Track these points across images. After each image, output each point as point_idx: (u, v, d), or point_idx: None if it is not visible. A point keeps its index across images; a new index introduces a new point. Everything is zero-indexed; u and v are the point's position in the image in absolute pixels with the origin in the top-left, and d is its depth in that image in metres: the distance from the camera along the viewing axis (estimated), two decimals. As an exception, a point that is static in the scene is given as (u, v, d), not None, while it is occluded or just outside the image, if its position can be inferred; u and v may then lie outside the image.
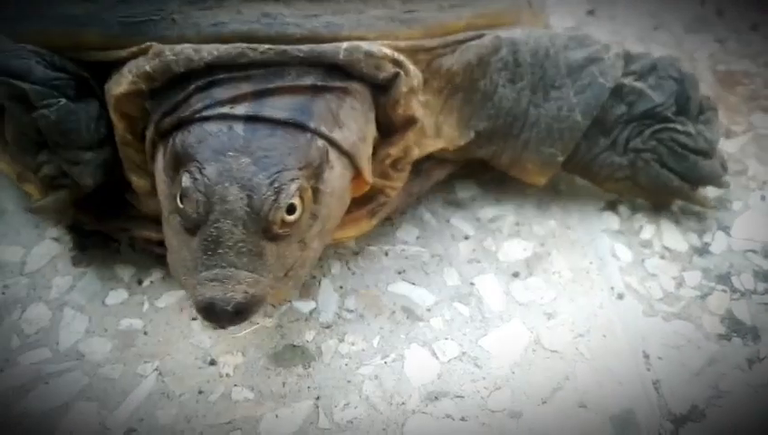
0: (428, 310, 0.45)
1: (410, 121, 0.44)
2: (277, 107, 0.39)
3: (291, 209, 0.37)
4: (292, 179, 0.37)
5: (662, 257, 0.48)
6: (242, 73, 0.40)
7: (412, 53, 0.44)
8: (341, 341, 0.44)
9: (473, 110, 0.47)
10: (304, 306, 0.46)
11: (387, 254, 0.48)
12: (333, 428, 0.40)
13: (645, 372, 0.42)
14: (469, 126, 0.47)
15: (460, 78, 0.46)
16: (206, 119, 0.39)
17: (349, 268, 0.48)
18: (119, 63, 0.42)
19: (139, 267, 0.48)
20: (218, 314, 0.36)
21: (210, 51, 0.40)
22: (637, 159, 0.48)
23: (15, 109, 0.42)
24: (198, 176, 0.37)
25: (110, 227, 0.48)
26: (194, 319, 0.45)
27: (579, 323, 0.45)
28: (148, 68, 0.40)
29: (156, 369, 0.43)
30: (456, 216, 0.50)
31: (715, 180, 0.49)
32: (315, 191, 0.39)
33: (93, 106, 0.43)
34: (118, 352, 0.44)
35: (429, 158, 0.48)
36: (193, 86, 0.40)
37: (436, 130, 0.47)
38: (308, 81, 0.41)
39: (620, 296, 0.46)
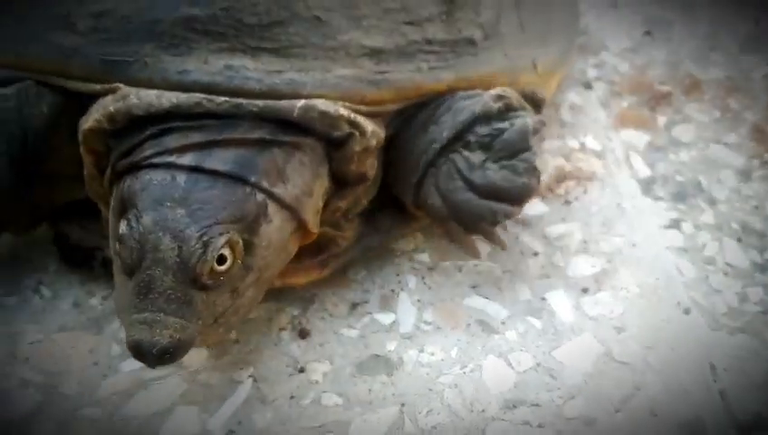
0: (503, 323, 0.48)
1: (362, 178, 0.46)
2: (221, 159, 0.42)
3: (221, 260, 0.40)
4: (222, 233, 0.40)
5: (725, 274, 0.51)
6: (196, 123, 0.43)
7: (377, 113, 0.45)
8: (421, 351, 0.47)
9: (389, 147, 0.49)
10: (385, 318, 0.49)
11: (460, 269, 0.51)
12: (418, 433, 0.43)
13: (711, 382, 0.45)
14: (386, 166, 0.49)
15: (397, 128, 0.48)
16: (154, 166, 0.42)
17: (425, 283, 0.51)
18: (95, 97, 0.45)
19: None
20: (144, 355, 0.39)
21: (170, 98, 0.43)
22: (426, 175, 0.48)
23: None
24: (135, 224, 0.40)
25: (86, 242, 0.51)
26: (282, 329, 0.49)
27: (647, 336, 0.47)
28: (111, 109, 0.43)
29: (250, 375, 0.46)
30: (525, 233, 0.53)
31: (478, 220, 0.47)
32: (248, 244, 0.41)
33: None
34: (213, 359, 0.47)
35: (383, 211, 0.51)
36: (148, 132, 0.43)
37: (377, 175, 0.48)
38: (257, 134, 0.43)
39: (687, 311, 0.48)
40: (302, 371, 0.47)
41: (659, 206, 0.55)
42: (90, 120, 0.44)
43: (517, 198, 0.47)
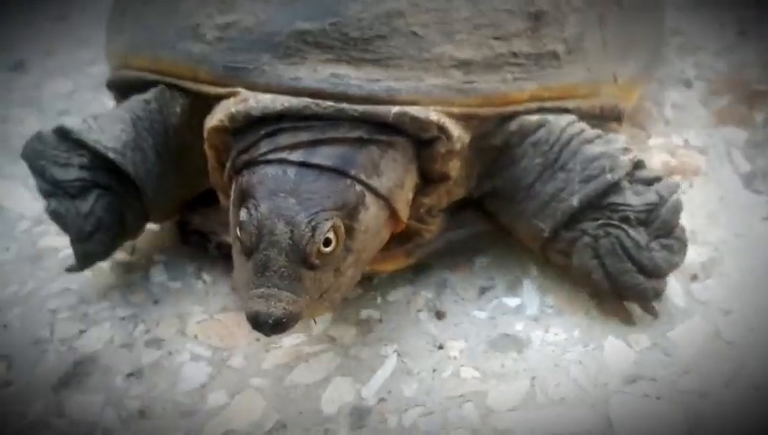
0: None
1: (444, 178, 0.52)
2: (326, 155, 0.48)
3: (327, 243, 0.46)
4: (327, 219, 0.46)
5: (825, 262, 0.56)
6: (304, 124, 0.49)
7: (465, 118, 0.50)
8: (546, 331, 0.53)
9: (496, 168, 0.54)
10: (512, 302, 0.55)
11: (577, 258, 0.57)
12: (549, 403, 0.49)
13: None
14: (488, 181, 0.54)
15: (498, 141, 0.52)
16: (268, 162, 0.48)
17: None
18: (219, 99, 0.52)
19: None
20: (261, 325, 0.44)
21: (282, 102, 0.49)
22: (578, 239, 0.52)
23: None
24: (254, 212, 0.46)
25: (205, 228, 0.59)
26: (419, 311, 0.56)
27: (751, 318, 0.53)
28: (233, 110, 0.50)
29: (395, 351, 0.53)
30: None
31: (640, 299, 0.52)
32: (349, 229, 0.47)
33: (85, 205, 0.54)
34: (362, 336, 0.55)
35: (468, 210, 0.56)
36: (263, 131, 0.49)
37: (466, 179, 0.54)
38: (357, 134, 0.49)
39: (790, 296, 0.54)
40: (440, 347, 0.53)
41: (760, 199, 0.60)
42: (214, 120, 0.51)
43: (669, 272, 0.52)
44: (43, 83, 0.82)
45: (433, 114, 0.49)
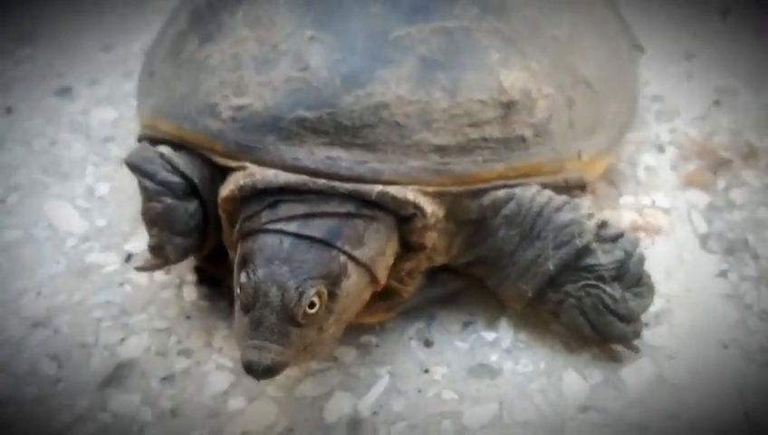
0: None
1: (421, 247, 0.62)
2: (317, 228, 0.58)
3: (311, 305, 0.56)
4: (313, 286, 0.56)
5: (760, 319, 0.67)
6: (300, 197, 0.60)
7: (439, 195, 0.60)
8: (516, 363, 0.65)
9: (477, 239, 0.63)
10: (489, 335, 0.67)
11: (549, 301, 0.69)
12: (513, 424, 0.61)
13: (739, 405, 0.61)
14: (470, 251, 0.65)
15: (474, 215, 0.62)
16: (267, 231, 0.59)
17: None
18: (231, 171, 0.62)
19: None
20: (253, 371, 0.54)
21: (283, 178, 0.59)
22: (564, 301, 0.62)
23: (144, 197, 0.65)
24: (252, 276, 0.56)
25: (220, 274, 0.69)
26: (411, 338, 0.67)
27: (692, 364, 0.64)
28: (242, 182, 0.60)
29: (388, 372, 0.65)
30: (602, 275, 0.70)
31: (624, 342, 0.63)
32: (332, 294, 0.57)
33: (192, 205, 0.64)
34: (360, 358, 0.66)
35: (445, 271, 0.66)
36: (266, 202, 0.60)
37: (446, 249, 0.64)
38: (345, 208, 0.59)
39: (726, 347, 0.64)
40: (426, 371, 0.65)
41: (712, 258, 0.71)
42: (226, 190, 0.62)
43: (642, 313, 0.63)
44: (90, 110, 0.94)
45: (410, 194, 0.59)
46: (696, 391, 0.62)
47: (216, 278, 0.72)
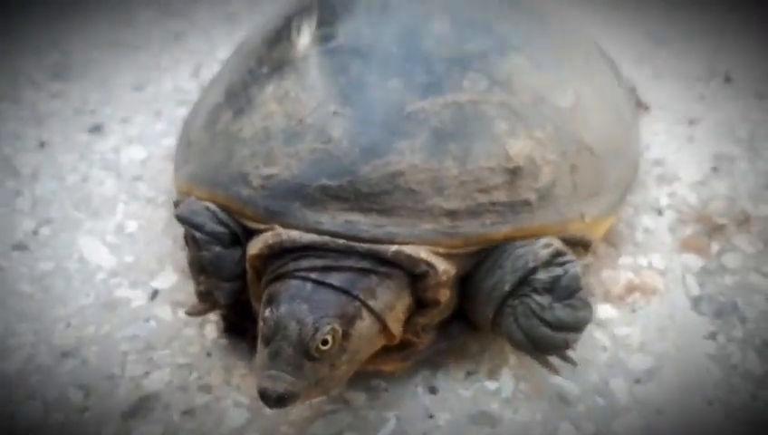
0: (576, 398, 0.71)
1: (436, 303, 0.68)
2: (337, 278, 0.65)
3: (324, 342, 0.62)
4: (328, 323, 0.62)
5: (743, 378, 0.72)
6: (322, 254, 0.66)
7: (449, 255, 0.67)
8: (515, 412, 0.70)
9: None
10: (491, 385, 0.72)
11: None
12: (510, 470, 0.67)
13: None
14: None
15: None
16: (293, 276, 0.65)
17: (521, 362, 0.74)
18: (258, 232, 0.69)
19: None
20: (267, 398, 0.58)
21: (308, 238, 0.66)
22: (501, 311, 0.67)
23: (192, 245, 0.72)
24: (275, 311, 0.62)
25: (243, 322, 0.76)
26: (417, 385, 0.73)
27: (679, 420, 0.69)
28: (270, 242, 0.67)
29: (395, 416, 0.71)
30: (598, 331, 0.76)
31: (552, 348, 0.67)
32: (346, 333, 0.63)
33: (237, 253, 0.70)
34: (370, 401, 0.72)
35: (456, 320, 0.72)
36: (292, 256, 0.66)
37: (454, 299, 0.70)
38: (362, 265, 0.65)
39: (711, 404, 0.70)
40: (431, 417, 0.70)
41: (702, 319, 0.76)
42: (255, 248, 0.68)
43: (578, 326, 0.68)
44: (121, 148, 1.00)
45: (423, 253, 0.66)
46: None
47: (238, 326, 0.78)
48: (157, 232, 0.89)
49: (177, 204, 0.79)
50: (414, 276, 0.67)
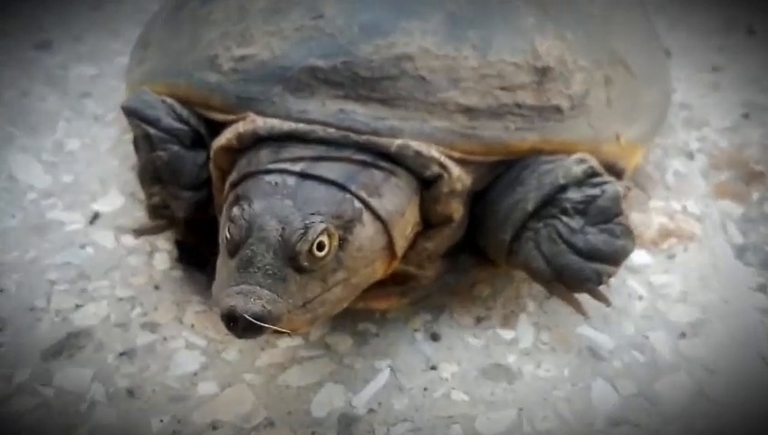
0: (610, 352, 0.55)
1: (447, 221, 0.52)
2: (327, 169, 0.48)
3: (319, 247, 0.44)
4: (322, 222, 0.45)
5: (807, 338, 0.57)
6: (307, 144, 0.49)
7: (465, 162, 0.51)
8: (538, 367, 0.54)
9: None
10: (506, 334, 0.56)
11: (573, 301, 0.58)
12: (532, 432, 0.49)
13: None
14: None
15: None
16: (268, 172, 0.48)
17: (542, 308, 0.58)
18: (227, 125, 0.52)
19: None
20: (235, 320, 0.42)
21: (290, 125, 0.49)
22: (520, 235, 0.53)
23: (143, 147, 0.54)
24: (246, 208, 0.45)
25: (205, 248, 0.57)
26: (416, 330, 0.56)
27: (732, 380, 0.53)
28: (240, 129, 0.50)
29: (389, 366, 0.53)
30: (632, 278, 0.60)
31: (580, 281, 0.52)
32: (343, 240, 0.46)
33: (200, 156, 0.54)
34: (356, 347, 0.55)
35: (465, 252, 0.56)
36: (267, 147, 0.49)
37: (464, 221, 0.54)
38: (360, 157, 0.49)
39: (766, 361, 0.55)
40: (433, 368, 0.53)
41: (749, 271, 0.61)
42: (222, 139, 0.51)
43: (616, 258, 0.52)
44: (69, 65, 0.82)
45: (434, 150, 0.49)
46: (737, 409, 0.52)
47: (195, 255, 0.60)
48: (102, 152, 0.71)
49: (124, 108, 0.62)
50: (422, 182, 0.50)
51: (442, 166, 0.50)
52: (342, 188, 0.47)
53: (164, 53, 0.60)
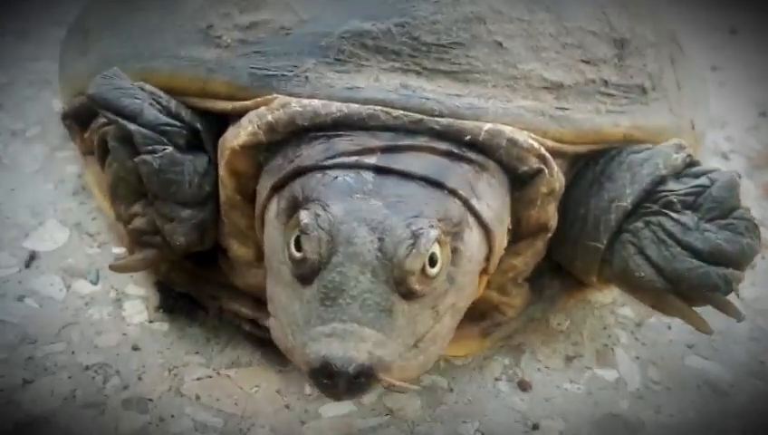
0: (731, 385, 0.44)
1: (542, 228, 0.40)
2: (411, 163, 0.35)
3: (432, 261, 0.33)
4: (432, 226, 0.33)
5: None
6: (367, 134, 0.36)
7: (557, 154, 0.40)
8: (658, 412, 0.41)
9: None
10: (607, 375, 0.43)
11: (669, 327, 0.47)
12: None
13: None
14: None
15: None
16: (330, 167, 0.35)
17: (636, 339, 0.46)
18: (238, 116, 0.38)
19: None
20: (334, 377, 0.30)
21: (340, 108, 0.36)
22: (615, 241, 0.41)
23: (119, 151, 0.39)
24: (321, 213, 0.32)
25: (200, 291, 0.43)
26: (497, 379, 0.42)
27: None
28: (270, 118, 0.36)
29: (477, 430, 0.39)
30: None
31: (702, 291, 0.40)
32: (454, 251, 0.34)
33: (201, 160, 0.39)
34: (429, 409, 0.40)
35: (544, 275, 0.44)
36: (316, 138, 0.36)
37: None
38: (443, 146, 0.37)
39: None
40: (535, 428, 0.40)
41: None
42: (242, 135, 0.37)
43: (742, 260, 0.40)
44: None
45: (532, 140, 0.37)
46: None
47: (188, 302, 0.44)
48: (27, 174, 0.53)
49: (66, 115, 0.46)
50: (514, 180, 0.38)
51: (542, 159, 0.37)
52: (438, 184, 0.34)
53: (119, 35, 0.44)
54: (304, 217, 0.32)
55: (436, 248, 0.32)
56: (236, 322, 0.42)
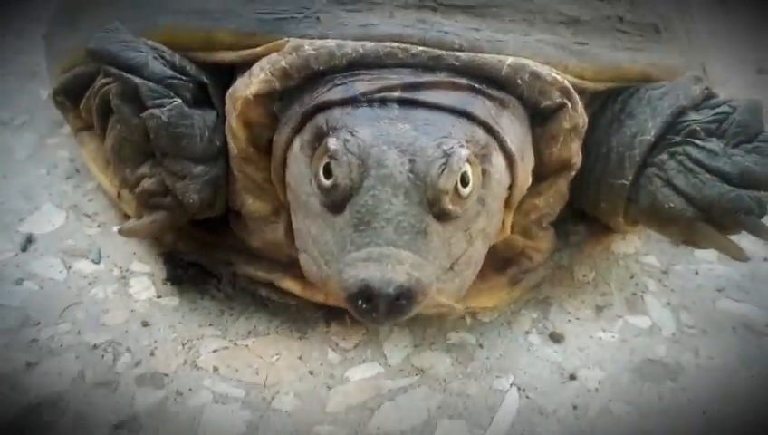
0: (767, 325, 0.42)
1: (565, 166, 0.38)
2: (435, 95, 0.34)
3: (464, 180, 0.31)
4: (462, 145, 0.31)
5: None
6: (388, 72, 0.34)
7: (577, 91, 0.38)
8: (697, 355, 0.39)
9: None
10: (640, 322, 0.41)
11: (696, 272, 0.45)
12: (735, 443, 0.35)
13: None
14: None
15: None
16: (353, 101, 0.33)
17: (664, 286, 0.44)
18: (245, 66, 0.36)
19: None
20: (375, 299, 0.28)
21: (355, 47, 0.34)
22: (641, 176, 0.39)
23: (124, 109, 0.36)
24: (350, 138, 0.31)
25: (211, 259, 0.41)
26: (527, 332, 0.40)
27: None
28: (284, 63, 0.34)
29: (513, 384, 0.37)
30: (750, 238, 0.47)
31: (735, 214, 0.38)
32: (483, 172, 0.33)
33: (210, 114, 0.37)
34: (460, 366, 0.38)
35: (568, 221, 0.42)
36: (332, 81, 0.34)
37: None
38: (464, 81, 0.35)
39: None
40: (573, 378, 0.38)
41: None
42: (254, 83, 0.35)
43: None
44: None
45: (555, 74, 0.36)
46: None
47: (199, 272, 0.41)
48: (20, 160, 0.50)
49: (57, 91, 0.44)
50: (536, 116, 0.36)
51: (565, 92, 0.36)
52: (464, 114, 0.33)
53: (114, 3, 0.42)
54: (332, 143, 0.30)
55: (467, 167, 0.31)
56: (252, 287, 0.40)
